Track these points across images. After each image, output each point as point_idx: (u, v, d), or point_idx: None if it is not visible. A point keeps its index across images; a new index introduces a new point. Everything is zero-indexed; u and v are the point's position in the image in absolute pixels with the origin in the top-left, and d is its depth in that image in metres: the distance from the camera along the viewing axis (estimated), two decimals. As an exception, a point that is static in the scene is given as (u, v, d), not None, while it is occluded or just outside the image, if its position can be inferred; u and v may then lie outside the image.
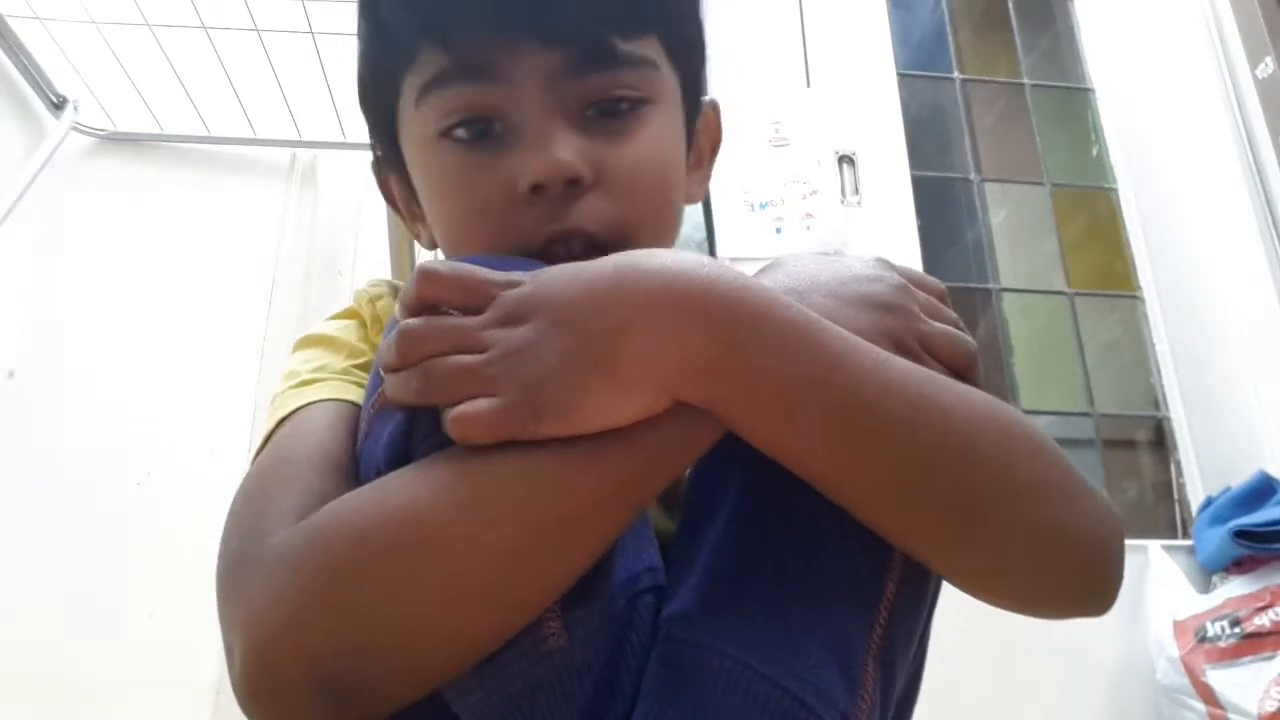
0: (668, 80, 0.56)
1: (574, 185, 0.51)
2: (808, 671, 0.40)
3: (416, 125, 0.55)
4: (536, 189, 0.51)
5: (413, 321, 0.41)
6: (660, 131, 0.55)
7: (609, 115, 0.53)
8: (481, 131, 0.53)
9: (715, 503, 0.45)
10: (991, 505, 0.42)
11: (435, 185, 0.56)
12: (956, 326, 0.47)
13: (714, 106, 0.64)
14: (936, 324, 0.46)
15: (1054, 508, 0.43)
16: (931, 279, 0.49)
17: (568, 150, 0.50)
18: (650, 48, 0.54)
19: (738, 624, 0.41)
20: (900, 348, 0.44)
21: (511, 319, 0.40)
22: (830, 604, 0.42)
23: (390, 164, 0.61)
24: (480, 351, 0.40)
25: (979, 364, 0.46)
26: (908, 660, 0.45)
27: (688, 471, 0.47)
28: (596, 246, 0.51)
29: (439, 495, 0.39)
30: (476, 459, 0.39)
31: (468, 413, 0.39)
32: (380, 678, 0.39)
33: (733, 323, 0.40)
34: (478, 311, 0.41)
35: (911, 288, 0.47)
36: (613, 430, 0.40)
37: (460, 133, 0.53)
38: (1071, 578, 0.45)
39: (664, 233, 0.56)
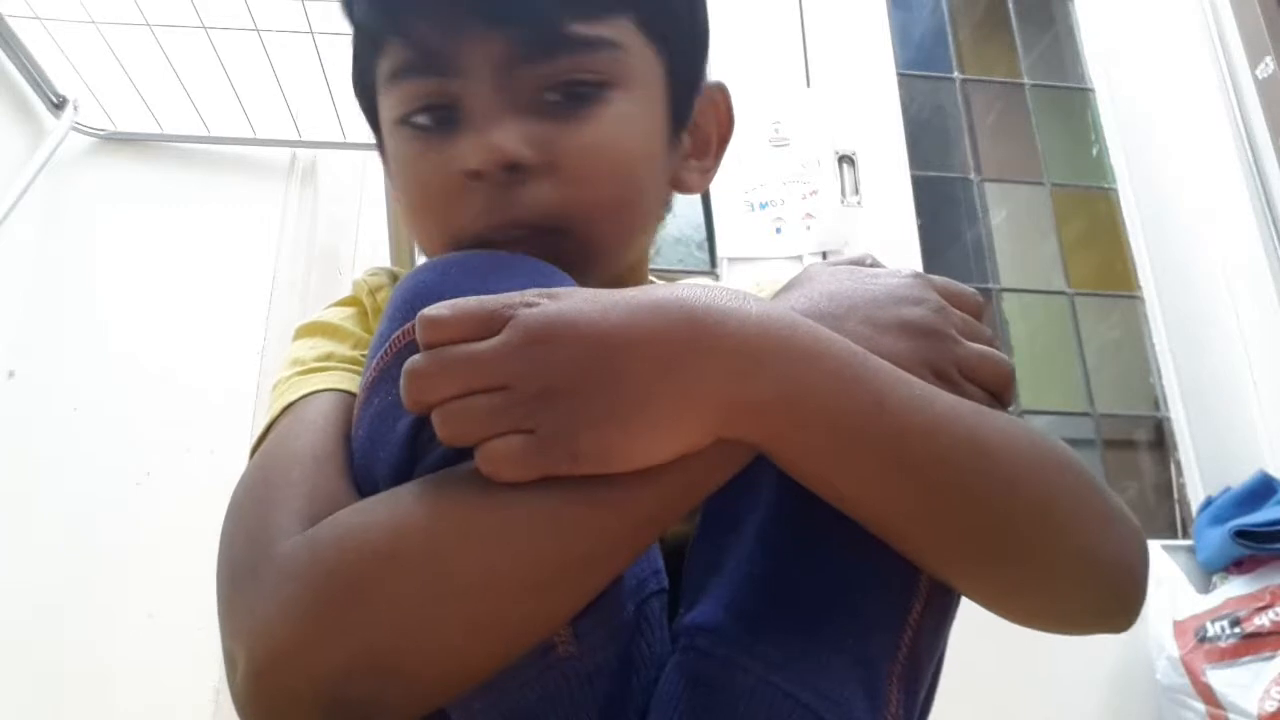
0: (640, 63, 0.54)
1: (515, 171, 0.50)
2: (832, 690, 0.40)
3: (384, 112, 0.56)
4: (474, 175, 0.50)
5: (417, 359, 0.38)
6: (624, 115, 0.53)
7: (568, 99, 0.52)
8: (442, 118, 0.53)
9: (740, 513, 0.45)
10: (1031, 538, 0.42)
11: (394, 170, 0.57)
12: (991, 344, 0.46)
13: (721, 90, 0.62)
14: (974, 346, 0.45)
15: (1090, 538, 0.43)
16: (968, 292, 0.48)
17: (507, 135, 0.50)
18: (617, 29, 0.52)
19: (764, 640, 0.41)
20: (939, 375, 0.43)
21: (532, 340, 0.37)
22: (857, 623, 0.42)
23: (380, 149, 0.62)
24: (500, 383, 0.37)
25: (1014, 385, 0.46)
26: (929, 677, 0.45)
27: None
28: (540, 233, 0.51)
29: (459, 523, 0.38)
30: (502, 489, 0.38)
31: (500, 452, 0.37)
32: (388, 698, 0.38)
33: (787, 364, 0.39)
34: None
35: (949, 308, 0.46)
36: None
37: (420, 119, 0.53)
38: (1102, 601, 0.45)
39: (629, 222, 0.55)
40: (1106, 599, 0.45)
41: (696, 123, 0.61)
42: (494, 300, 0.39)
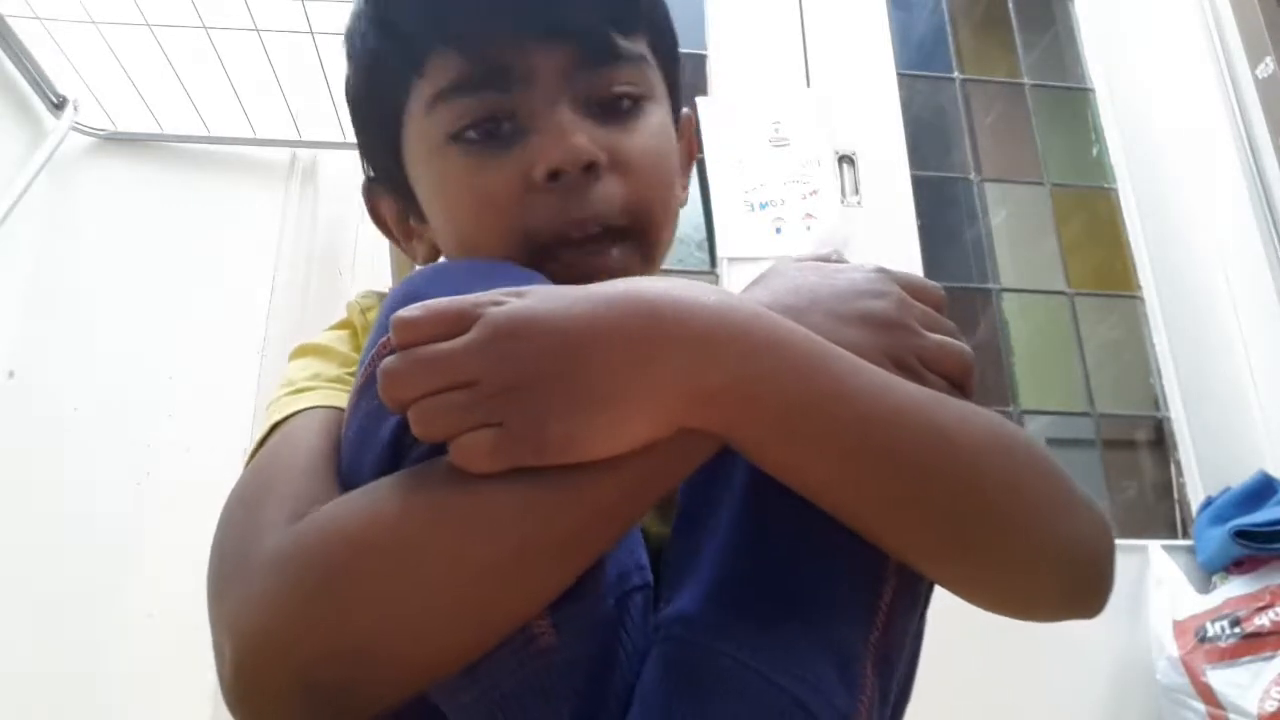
0: (656, 79, 0.58)
1: (590, 171, 0.53)
2: (808, 673, 0.41)
3: (425, 130, 0.56)
4: (554, 175, 0.52)
5: (390, 360, 0.39)
6: (659, 125, 0.57)
7: (612, 109, 0.55)
8: (490, 132, 0.54)
9: (714, 506, 0.46)
10: (994, 523, 0.43)
11: (445, 187, 0.56)
12: (953, 335, 0.47)
13: (690, 118, 0.66)
14: (934, 336, 0.46)
15: (1052, 522, 0.44)
16: (930, 286, 0.49)
17: (584, 136, 0.52)
18: (643, 46, 0.57)
19: (741, 627, 0.42)
20: (900, 365, 0.44)
21: (499, 337, 0.39)
22: (831, 609, 0.43)
23: (386, 177, 0.61)
24: (469, 379, 0.38)
25: (975, 374, 0.47)
26: (903, 660, 0.46)
27: None
28: (613, 231, 0.53)
29: (431, 511, 0.39)
30: (472, 479, 0.39)
31: (470, 445, 0.39)
32: (365, 682, 0.39)
33: (745, 353, 0.40)
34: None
35: (910, 300, 0.47)
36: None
37: (471, 134, 0.54)
38: (1067, 587, 0.46)
39: (669, 225, 0.58)
40: (1073, 585, 0.46)
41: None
42: (463, 300, 0.40)
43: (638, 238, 0.55)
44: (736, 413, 0.40)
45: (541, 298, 0.40)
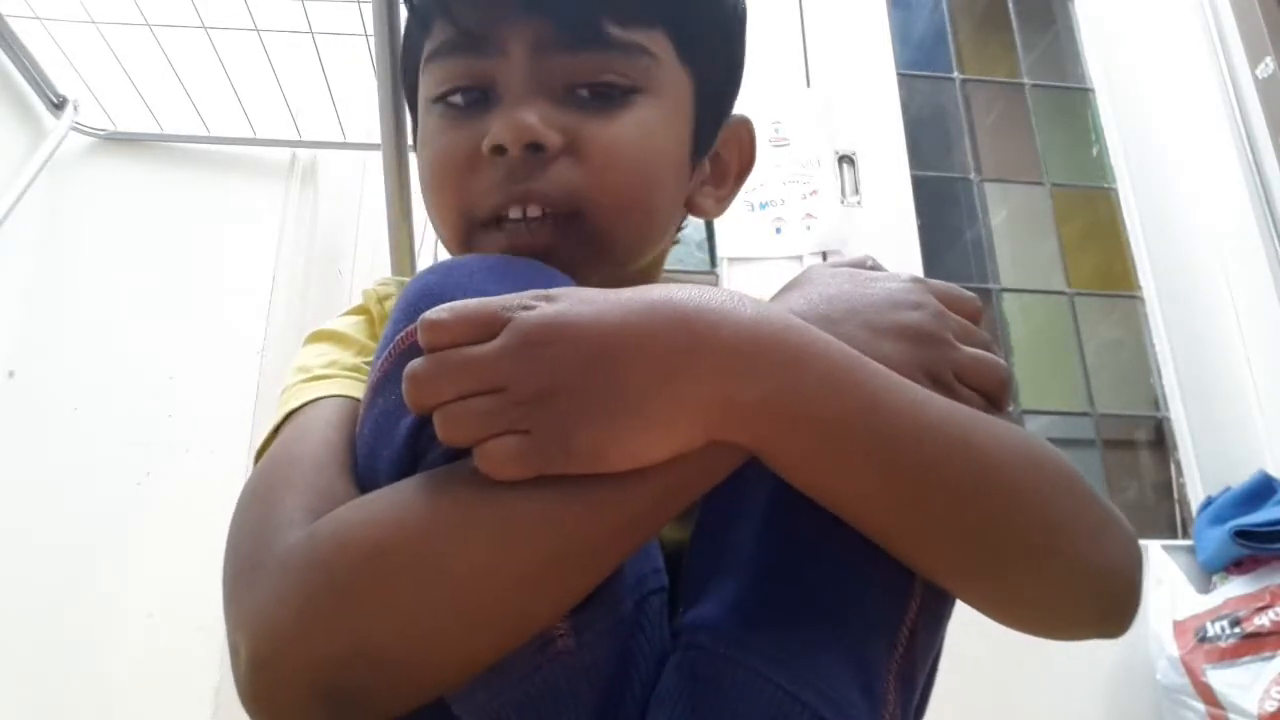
0: (671, 77, 0.55)
1: (537, 151, 0.51)
2: (832, 689, 0.40)
3: (422, 90, 0.57)
4: (497, 150, 0.51)
5: (417, 363, 0.39)
6: (648, 120, 0.54)
7: (596, 98, 0.53)
8: (474, 100, 0.54)
9: (737, 514, 0.45)
10: (1025, 544, 0.42)
11: (422, 146, 0.57)
12: (987, 347, 0.47)
13: (746, 124, 0.63)
14: (970, 350, 0.46)
15: (1083, 543, 0.43)
16: (966, 296, 0.48)
17: (533, 115, 0.51)
18: (652, 40, 0.54)
19: (764, 638, 0.41)
20: (935, 380, 0.43)
21: (529, 342, 0.38)
22: (855, 623, 0.42)
23: (415, 132, 0.62)
24: (497, 385, 0.38)
25: (1010, 388, 0.46)
26: (925, 675, 0.45)
27: None
28: (553, 216, 0.52)
29: (455, 520, 0.38)
30: (497, 485, 0.38)
31: (496, 452, 0.38)
32: (383, 687, 0.39)
33: (779, 366, 0.39)
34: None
35: (946, 312, 0.46)
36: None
37: (455, 99, 0.54)
38: (1095, 607, 0.45)
39: (643, 222, 0.55)
40: (1102, 606, 0.45)
41: (719, 152, 0.62)
42: (493, 303, 0.39)
43: (589, 230, 0.52)
44: (768, 427, 0.39)
45: (572, 303, 0.39)
